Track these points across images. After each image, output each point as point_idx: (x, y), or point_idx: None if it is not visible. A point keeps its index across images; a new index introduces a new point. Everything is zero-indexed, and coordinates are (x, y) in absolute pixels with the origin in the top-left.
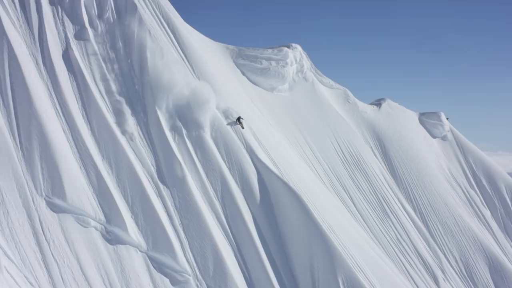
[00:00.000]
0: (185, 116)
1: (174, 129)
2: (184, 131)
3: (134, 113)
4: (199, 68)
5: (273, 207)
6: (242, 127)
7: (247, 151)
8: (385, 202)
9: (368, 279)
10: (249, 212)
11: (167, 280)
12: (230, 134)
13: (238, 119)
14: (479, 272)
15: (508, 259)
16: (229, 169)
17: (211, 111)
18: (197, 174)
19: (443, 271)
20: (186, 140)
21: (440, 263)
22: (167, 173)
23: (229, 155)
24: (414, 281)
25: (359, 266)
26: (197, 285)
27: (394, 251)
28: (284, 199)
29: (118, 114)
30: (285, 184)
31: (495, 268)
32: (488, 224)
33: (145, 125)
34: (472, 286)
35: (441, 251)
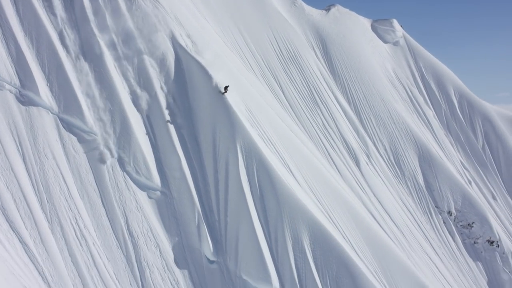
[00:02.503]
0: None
1: (97, 13)
2: (107, 17)
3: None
4: None
5: (187, 85)
6: (225, 92)
7: (168, 36)
8: (317, 94)
9: (276, 149)
10: (162, 86)
11: (74, 138)
12: (152, 20)
13: (226, 88)
14: (407, 160)
15: (444, 152)
16: (148, 50)
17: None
18: (115, 51)
19: (368, 156)
20: (108, 22)
21: (367, 149)
22: (86, 50)
23: (149, 37)
24: (333, 161)
25: (269, 140)
26: (102, 144)
27: (318, 134)
28: (197, 78)
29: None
30: (200, 64)
31: (424, 157)
32: (429, 121)
33: (70, 9)
34: (398, 171)
35: (370, 139)
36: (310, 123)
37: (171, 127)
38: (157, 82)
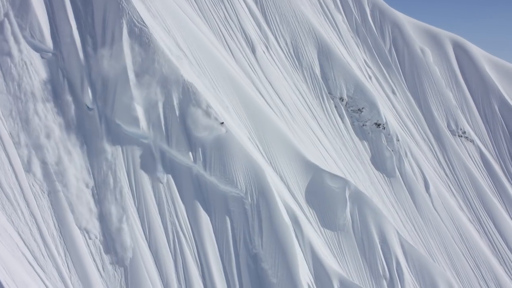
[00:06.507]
0: None
1: None
2: None
3: None
4: None
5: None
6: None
7: None
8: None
9: (163, 22)
10: None
11: None
12: None
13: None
14: (306, 53)
15: (347, 51)
16: None
17: None
18: None
19: (267, 47)
20: None
21: (267, 41)
22: None
23: None
24: (229, 46)
25: (158, 16)
26: (2, 13)
27: (217, 24)
28: None
29: None
30: None
31: (323, 52)
32: (336, 24)
33: None
34: (296, 61)
35: (272, 34)
36: (212, 15)
37: (67, 3)
38: None
